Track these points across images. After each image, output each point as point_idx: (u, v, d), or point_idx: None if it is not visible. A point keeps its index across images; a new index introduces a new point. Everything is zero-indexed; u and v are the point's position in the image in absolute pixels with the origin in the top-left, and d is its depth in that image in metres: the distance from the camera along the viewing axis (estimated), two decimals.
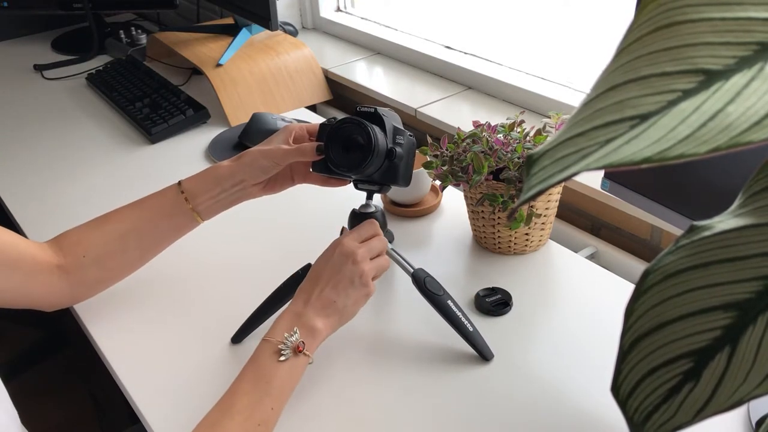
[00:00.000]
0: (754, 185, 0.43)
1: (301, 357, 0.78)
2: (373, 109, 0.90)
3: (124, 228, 0.93)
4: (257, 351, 0.78)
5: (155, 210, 0.94)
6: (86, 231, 0.94)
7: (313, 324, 0.79)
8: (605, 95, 0.37)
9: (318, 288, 0.82)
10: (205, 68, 1.51)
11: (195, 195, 0.92)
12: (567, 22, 1.37)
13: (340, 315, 0.82)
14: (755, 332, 0.38)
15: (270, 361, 0.77)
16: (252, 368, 0.77)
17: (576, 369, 0.86)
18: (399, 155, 0.89)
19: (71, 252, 0.91)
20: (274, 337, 0.78)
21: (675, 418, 0.40)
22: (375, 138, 0.86)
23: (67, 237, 0.94)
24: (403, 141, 0.91)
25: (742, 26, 0.35)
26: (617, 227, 1.15)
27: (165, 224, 0.94)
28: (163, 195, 0.94)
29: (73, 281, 0.91)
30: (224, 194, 0.93)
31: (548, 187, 0.35)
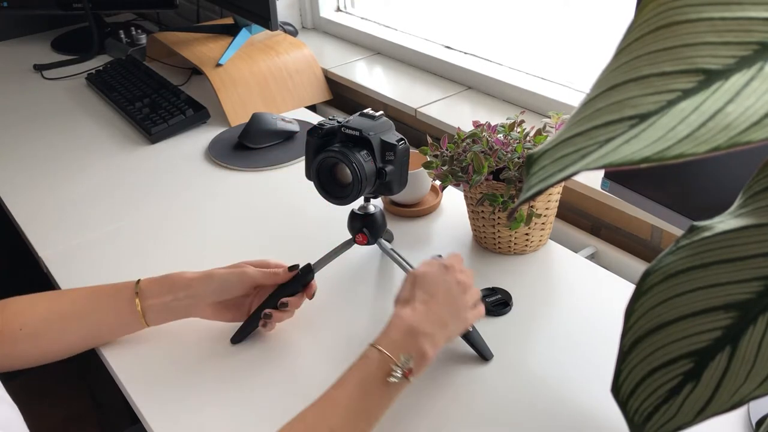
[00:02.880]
0: (754, 185, 0.43)
1: (404, 381, 0.74)
2: (358, 132, 0.88)
3: (69, 311, 0.89)
4: (369, 361, 0.74)
5: (107, 301, 0.90)
6: (33, 303, 0.89)
7: (425, 350, 0.76)
8: (605, 95, 0.37)
9: (435, 299, 0.79)
10: (205, 68, 1.51)
11: (147, 296, 0.88)
12: (567, 22, 1.37)
13: (446, 339, 0.80)
14: (755, 332, 0.38)
15: (377, 378, 0.73)
16: (357, 378, 0.73)
17: (576, 369, 0.86)
18: (389, 172, 0.89)
19: (10, 321, 0.86)
20: (389, 351, 0.74)
21: (675, 418, 0.40)
22: (358, 170, 0.86)
23: (11, 305, 0.89)
24: (393, 156, 0.89)
25: (742, 26, 0.35)
26: (617, 227, 1.15)
27: (111, 318, 0.90)
28: (119, 289, 0.90)
29: (3, 352, 0.86)
30: (174, 303, 0.89)
31: (548, 187, 0.35)
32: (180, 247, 1.13)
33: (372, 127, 0.89)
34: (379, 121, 0.91)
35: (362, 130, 0.88)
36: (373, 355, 0.74)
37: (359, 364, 0.74)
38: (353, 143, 0.89)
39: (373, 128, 0.89)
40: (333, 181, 0.90)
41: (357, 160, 0.86)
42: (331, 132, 0.91)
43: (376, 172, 0.89)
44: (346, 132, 0.89)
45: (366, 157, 0.88)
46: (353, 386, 0.73)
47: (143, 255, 1.12)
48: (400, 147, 0.90)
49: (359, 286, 1.02)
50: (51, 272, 1.10)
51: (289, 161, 1.35)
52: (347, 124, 0.90)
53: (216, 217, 1.21)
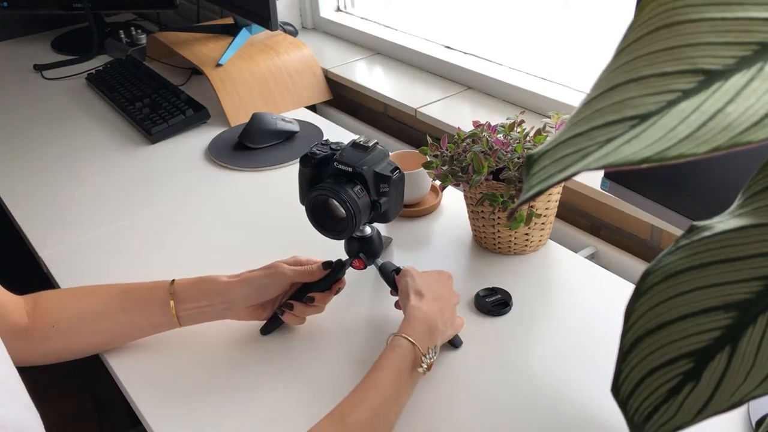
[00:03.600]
0: (754, 185, 0.43)
1: (423, 375, 0.80)
2: (351, 168, 0.86)
3: (101, 310, 0.89)
4: (402, 350, 0.78)
5: (139, 302, 0.90)
6: (64, 300, 0.90)
7: (438, 346, 0.82)
8: (605, 95, 0.37)
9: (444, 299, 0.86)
10: (205, 68, 1.51)
11: (181, 300, 0.89)
12: (567, 22, 1.37)
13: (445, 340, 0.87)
14: (755, 332, 0.38)
15: (411, 368, 0.78)
16: (395, 365, 0.77)
17: (576, 369, 0.86)
18: (384, 204, 0.88)
19: (43, 318, 0.87)
20: (418, 342, 0.78)
21: (675, 418, 0.40)
22: (351, 208, 0.85)
23: (44, 299, 0.90)
24: (387, 188, 0.88)
25: (742, 26, 0.35)
26: (617, 227, 1.15)
27: (143, 318, 0.90)
28: (151, 290, 0.90)
29: (33, 346, 0.87)
30: (209, 308, 0.89)
31: (548, 187, 0.35)
32: (180, 247, 1.13)
33: (365, 161, 0.87)
34: (372, 153, 0.88)
35: (355, 166, 0.86)
36: (405, 345, 0.78)
37: (393, 352, 0.78)
38: (346, 178, 0.87)
39: (366, 161, 0.87)
40: (326, 216, 0.89)
41: (350, 198, 0.85)
42: (324, 161, 0.89)
43: (370, 205, 0.88)
44: (338, 167, 0.87)
45: (360, 193, 0.86)
46: (391, 371, 0.76)
47: (143, 255, 1.12)
48: (394, 178, 0.88)
49: (359, 290, 1.02)
50: (51, 272, 1.10)
51: (289, 161, 1.35)
52: (339, 158, 0.87)
53: (216, 216, 1.21)
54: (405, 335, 0.79)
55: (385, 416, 0.75)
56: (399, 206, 0.92)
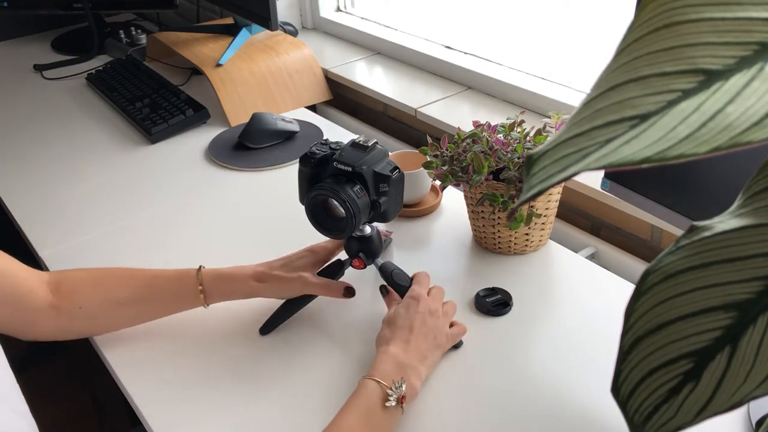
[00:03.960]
0: (754, 185, 0.43)
1: (399, 409, 0.78)
2: (350, 167, 0.86)
3: (129, 297, 0.91)
4: (366, 390, 0.77)
5: (167, 294, 0.93)
6: (90, 284, 0.92)
7: (412, 382, 0.81)
8: (605, 95, 0.37)
9: (413, 335, 0.84)
10: (205, 68, 1.51)
11: (211, 294, 0.92)
12: (567, 22, 1.37)
13: (429, 369, 0.85)
14: (755, 332, 0.38)
15: (377, 404, 0.77)
16: (358, 406, 0.76)
17: (576, 369, 0.86)
18: (384, 203, 0.88)
19: (69, 298, 0.89)
20: (383, 379, 0.78)
21: (675, 418, 0.39)
22: (351, 207, 0.85)
23: (69, 280, 0.91)
24: (387, 188, 0.88)
25: (742, 26, 0.35)
26: (617, 227, 1.15)
27: (171, 307, 0.94)
28: (179, 281, 0.92)
29: (60, 323, 0.89)
30: (238, 298, 0.95)
31: (548, 187, 0.35)
32: (180, 247, 1.13)
33: (365, 161, 0.87)
34: (371, 153, 0.88)
35: (354, 166, 0.86)
36: (369, 385, 0.78)
37: (357, 394, 0.78)
38: (346, 178, 0.87)
39: (366, 161, 0.87)
40: (326, 215, 0.90)
41: (349, 197, 0.85)
42: (324, 160, 0.90)
43: (370, 205, 0.88)
44: (337, 167, 0.87)
45: (359, 193, 0.86)
46: (357, 415, 0.75)
47: (143, 255, 1.12)
48: (394, 177, 0.88)
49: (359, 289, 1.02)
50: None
51: (289, 161, 1.35)
52: (339, 157, 0.88)
53: (216, 217, 1.21)
54: (370, 376, 0.79)
55: None
56: (399, 206, 0.92)
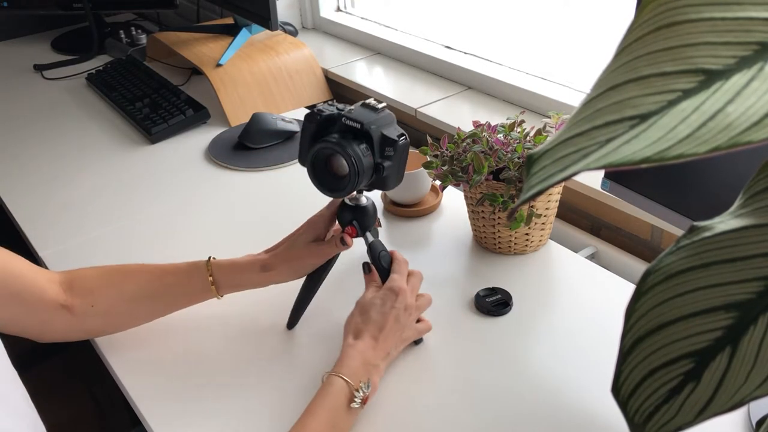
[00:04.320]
0: (754, 185, 0.43)
1: (360, 408, 0.79)
2: (359, 124, 0.85)
3: (141, 293, 0.91)
4: (333, 388, 0.78)
5: (179, 287, 0.93)
6: (103, 282, 0.91)
7: (375, 381, 0.82)
8: (605, 95, 0.37)
9: (387, 328, 0.84)
10: (205, 68, 1.51)
11: (221, 285, 0.92)
12: (567, 22, 1.37)
13: (387, 365, 0.86)
14: (756, 333, 0.38)
15: (344, 405, 0.77)
16: (325, 406, 0.77)
17: (576, 369, 0.86)
18: (387, 168, 0.86)
19: (81, 297, 0.89)
20: (350, 379, 0.78)
21: (676, 418, 0.39)
22: (356, 164, 0.83)
23: (81, 279, 0.91)
24: (392, 152, 0.86)
25: (742, 26, 0.35)
26: (617, 227, 1.15)
27: (183, 300, 0.94)
28: (190, 274, 0.92)
29: (73, 323, 0.89)
30: (250, 287, 0.95)
31: (548, 187, 0.35)
32: (180, 247, 1.13)
33: (374, 120, 0.85)
34: (381, 114, 0.87)
35: (363, 123, 0.85)
36: (337, 383, 0.78)
37: (325, 392, 0.78)
38: (353, 135, 0.85)
39: (375, 121, 0.85)
40: (327, 172, 0.87)
41: (355, 154, 0.83)
42: (330, 119, 0.88)
43: (373, 166, 0.86)
44: (346, 123, 0.85)
45: (365, 152, 0.84)
46: (324, 414, 0.76)
47: (143, 255, 1.12)
48: (400, 143, 0.86)
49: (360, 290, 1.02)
50: None
51: (289, 161, 1.35)
52: (348, 114, 0.86)
53: (216, 217, 1.21)
54: (337, 373, 0.79)
55: None
56: (400, 175, 0.90)
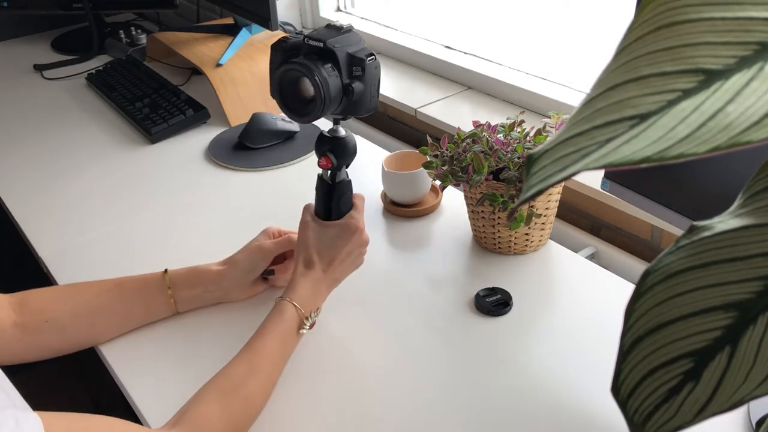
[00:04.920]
0: (754, 185, 0.43)
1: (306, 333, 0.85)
2: (322, 43, 0.82)
3: (97, 304, 0.90)
4: (285, 314, 0.82)
5: (134, 293, 0.92)
6: (56, 297, 0.90)
7: (320, 306, 0.88)
8: (605, 95, 0.37)
9: (337, 261, 0.88)
10: (205, 68, 1.51)
11: (178, 288, 0.93)
12: (567, 22, 1.37)
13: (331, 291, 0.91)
14: (755, 332, 0.38)
15: (293, 330, 0.83)
16: (278, 330, 0.82)
17: (576, 369, 0.86)
18: (356, 89, 0.83)
19: (34, 314, 0.87)
20: (301, 306, 0.84)
21: (675, 418, 0.39)
22: (320, 84, 0.79)
23: (33, 297, 0.89)
24: (361, 72, 0.83)
25: (742, 26, 0.35)
26: (617, 227, 1.15)
27: (140, 309, 0.93)
28: (145, 280, 0.93)
29: (28, 342, 0.87)
30: (206, 295, 0.95)
31: (548, 187, 0.35)
32: (180, 247, 1.13)
33: (338, 39, 0.82)
34: (345, 34, 0.83)
35: (326, 41, 0.82)
36: (289, 310, 0.83)
37: (277, 317, 0.83)
38: (317, 56, 0.82)
39: (339, 41, 0.82)
40: (296, 97, 0.84)
41: (320, 74, 0.80)
42: (296, 46, 0.85)
43: (342, 88, 0.82)
44: (308, 43, 0.82)
45: (330, 71, 0.81)
46: (275, 337, 0.82)
47: (143, 254, 1.12)
48: (368, 62, 0.83)
49: (361, 290, 1.02)
50: (51, 272, 1.10)
51: (289, 161, 1.35)
52: (310, 35, 0.83)
53: (216, 217, 1.21)
54: (289, 299, 0.83)
55: (273, 379, 0.82)
56: (374, 100, 0.86)
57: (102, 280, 0.93)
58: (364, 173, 1.27)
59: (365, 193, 0.96)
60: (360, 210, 0.92)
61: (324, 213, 0.91)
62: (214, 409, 0.74)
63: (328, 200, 0.90)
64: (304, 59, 0.81)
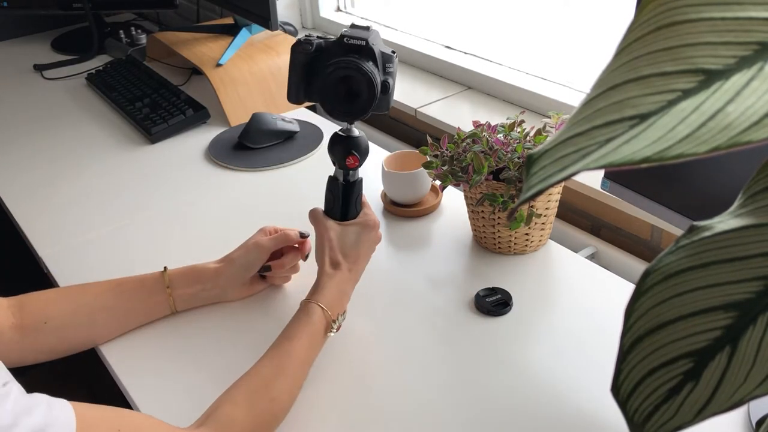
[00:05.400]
0: (754, 185, 0.43)
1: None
2: (364, 41, 0.82)
3: (96, 304, 0.91)
4: (314, 317, 0.82)
5: (133, 293, 0.93)
6: (55, 298, 0.90)
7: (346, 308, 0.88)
8: (605, 95, 0.37)
9: (361, 258, 0.90)
10: (205, 68, 1.51)
11: (176, 286, 0.93)
12: (567, 22, 1.37)
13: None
14: (755, 332, 0.38)
15: (321, 332, 0.83)
16: (307, 333, 0.82)
17: (576, 369, 0.86)
18: (390, 85, 0.84)
19: (33, 315, 0.87)
20: (329, 308, 0.84)
21: (675, 418, 0.39)
22: (373, 81, 0.80)
23: (32, 299, 0.89)
24: (392, 68, 0.84)
25: (742, 26, 0.35)
26: (617, 227, 1.15)
27: (139, 308, 0.93)
28: (144, 280, 0.93)
29: (25, 344, 0.86)
30: (203, 293, 0.96)
31: (548, 187, 0.35)
32: (180, 247, 1.13)
33: (371, 39, 0.83)
34: (372, 32, 0.85)
35: (367, 40, 0.82)
36: (317, 312, 0.83)
37: (305, 319, 0.83)
38: (358, 55, 0.82)
39: (371, 40, 0.83)
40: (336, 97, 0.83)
41: (371, 71, 0.81)
42: (320, 49, 0.85)
43: (381, 84, 0.84)
44: (350, 42, 0.83)
45: (373, 68, 0.82)
46: (303, 340, 0.81)
47: (143, 255, 1.12)
48: (395, 58, 0.85)
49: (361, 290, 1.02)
50: (51, 272, 1.10)
51: (289, 161, 1.35)
52: (348, 33, 0.84)
53: (216, 217, 1.21)
54: (317, 302, 0.83)
55: (301, 380, 0.82)
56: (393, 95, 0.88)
57: (100, 282, 0.93)
58: (365, 173, 1.27)
59: (365, 194, 0.96)
60: (369, 206, 0.94)
61: (341, 213, 0.91)
62: (240, 410, 0.74)
63: (346, 200, 0.91)
64: (352, 58, 0.82)
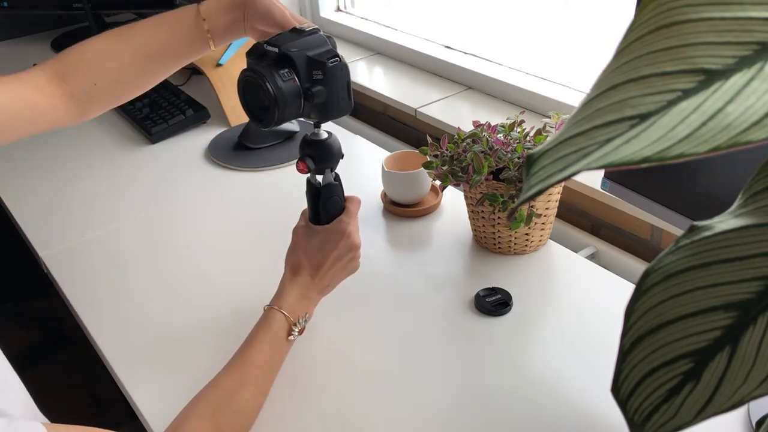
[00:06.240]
0: (754, 185, 0.43)
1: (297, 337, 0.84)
2: (277, 48, 0.80)
3: (137, 52, 0.88)
4: (274, 323, 0.82)
5: (173, 34, 0.89)
6: (94, 57, 0.88)
7: (311, 312, 0.86)
8: (605, 95, 0.37)
9: (325, 267, 0.86)
10: (205, 68, 1.51)
11: (212, 18, 0.88)
12: (567, 22, 1.37)
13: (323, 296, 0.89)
14: (755, 332, 0.38)
15: (283, 337, 0.82)
16: (267, 340, 0.81)
17: (576, 369, 0.86)
18: (318, 94, 0.80)
19: (79, 82, 0.87)
20: (290, 313, 0.82)
21: (675, 418, 0.39)
22: (272, 90, 0.77)
23: (72, 66, 0.88)
24: (321, 76, 0.80)
25: (742, 26, 0.35)
26: (617, 227, 1.15)
27: (181, 50, 0.91)
28: (180, 18, 0.89)
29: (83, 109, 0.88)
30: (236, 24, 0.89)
31: (548, 187, 0.35)
32: (180, 247, 1.13)
33: (296, 44, 0.80)
34: (308, 37, 0.81)
35: (281, 47, 0.80)
36: (277, 318, 0.82)
37: (265, 326, 0.82)
38: (274, 61, 0.80)
39: (298, 44, 0.80)
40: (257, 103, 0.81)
41: (273, 79, 0.78)
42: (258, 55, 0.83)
43: (301, 93, 0.80)
44: (266, 48, 0.81)
45: (286, 76, 0.78)
46: (264, 347, 0.81)
47: (143, 255, 1.12)
48: (330, 65, 0.80)
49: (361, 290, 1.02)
50: (51, 272, 1.10)
51: (288, 161, 1.35)
52: (269, 40, 0.82)
53: (216, 216, 1.21)
54: (278, 307, 0.83)
55: (265, 389, 0.81)
56: (344, 102, 0.84)
57: (137, 25, 0.90)
58: (364, 173, 1.27)
59: (365, 194, 0.95)
60: (351, 214, 0.88)
61: (314, 217, 0.90)
62: (206, 425, 0.74)
63: (315, 204, 0.89)
64: (260, 65, 0.79)
